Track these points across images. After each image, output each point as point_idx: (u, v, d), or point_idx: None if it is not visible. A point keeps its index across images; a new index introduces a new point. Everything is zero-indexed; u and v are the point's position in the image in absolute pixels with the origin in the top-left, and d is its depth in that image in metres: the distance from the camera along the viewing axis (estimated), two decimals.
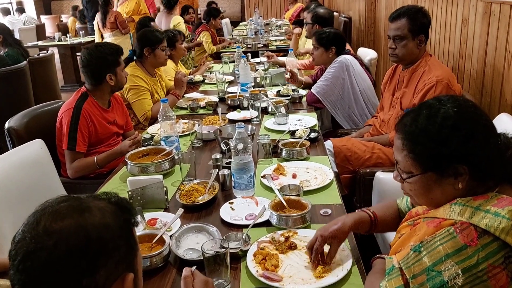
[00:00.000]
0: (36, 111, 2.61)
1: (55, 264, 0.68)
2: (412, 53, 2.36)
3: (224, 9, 10.82)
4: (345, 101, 3.07)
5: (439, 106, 1.07)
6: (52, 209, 0.73)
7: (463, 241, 0.95)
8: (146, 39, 3.09)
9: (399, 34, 2.33)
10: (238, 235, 1.47)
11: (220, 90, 3.35)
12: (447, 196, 1.07)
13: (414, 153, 1.07)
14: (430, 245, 1.00)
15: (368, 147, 2.45)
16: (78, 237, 0.70)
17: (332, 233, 1.31)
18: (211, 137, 2.41)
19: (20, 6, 10.85)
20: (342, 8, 7.80)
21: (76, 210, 0.73)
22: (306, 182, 1.85)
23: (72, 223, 0.71)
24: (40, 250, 0.68)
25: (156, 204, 1.75)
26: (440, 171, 1.05)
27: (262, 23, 7.06)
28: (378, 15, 5.32)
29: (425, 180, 1.08)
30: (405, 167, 1.11)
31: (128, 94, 2.98)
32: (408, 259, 1.04)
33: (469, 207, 1.00)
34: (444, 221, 1.02)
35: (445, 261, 0.96)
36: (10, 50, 4.71)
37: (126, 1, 6.61)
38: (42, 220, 0.71)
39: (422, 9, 2.36)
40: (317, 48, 3.15)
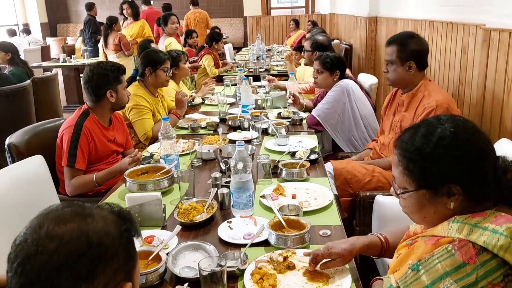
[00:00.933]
0: (37, 128, 2.62)
1: (55, 268, 0.68)
2: (402, 78, 2.40)
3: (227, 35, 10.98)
4: (345, 125, 3.08)
5: (437, 125, 1.08)
6: (56, 213, 0.73)
7: (461, 258, 0.94)
8: (149, 59, 3.12)
9: (389, 59, 2.42)
10: (235, 254, 1.45)
11: (221, 111, 3.36)
12: (440, 215, 1.08)
13: (409, 169, 1.10)
14: (429, 263, 0.99)
15: (368, 170, 2.45)
16: (79, 242, 0.70)
17: (340, 252, 1.32)
18: (211, 156, 2.41)
19: (26, 28, 11.00)
20: (343, 36, 7.91)
21: (79, 216, 0.74)
22: (306, 203, 1.84)
23: (75, 227, 0.71)
24: (41, 253, 0.68)
25: (153, 222, 1.73)
26: (433, 189, 1.06)
27: (264, 48, 7.15)
28: (378, 42, 5.39)
29: (418, 197, 1.09)
30: (400, 183, 1.13)
31: (130, 113, 2.99)
32: (406, 278, 1.03)
33: (467, 224, 1.00)
34: (442, 238, 1.02)
35: (444, 279, 0.95)
36: (15, 69, 4.76)
37: (130, 24, 6.73)
38: (45, 223, 0.71)
39: (413, 36, 2.40)
40: (322, 72, 3.18)
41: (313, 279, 1.33)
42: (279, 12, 11.82)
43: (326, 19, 9.47)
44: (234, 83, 4.51)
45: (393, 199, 2.17)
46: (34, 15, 12.67)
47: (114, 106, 2.51)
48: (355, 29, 6.55)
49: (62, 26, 13.10)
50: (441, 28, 3.34)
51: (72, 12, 12.94)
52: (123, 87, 2.51)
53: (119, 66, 2.52)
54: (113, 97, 2.45)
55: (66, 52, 8.48)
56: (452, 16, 3.20)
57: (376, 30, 5.48)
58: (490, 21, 2.47)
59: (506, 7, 2.31)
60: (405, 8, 4.37)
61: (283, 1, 12.66)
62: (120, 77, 2.49)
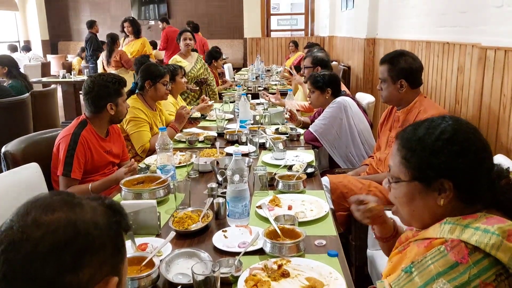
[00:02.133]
0: (34, 138, 2.61)
1: (40, 257, 0.66)
2: (394, 96, 2.45)
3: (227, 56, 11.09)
4: (342, 141, 3.08)
5: (441, 121, 1.11)
6: (44, 201, 0.72)
7: (454, 258, 0.94)
8: (148, 72, 3.15)
9: (382, 77, 2.48)
10: (230, 261, 1.43)
11: (219, 127, 3.37)
12: (429, 211, 1.09)
13: (405, 159, 1.12)
14: (421, 264, 0.99)
15: (365, 185, 2.44)
16: (66, 231, 0.69)
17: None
18: (208, 168, 2.40)
19: (26, 45, 11.10)
20: (342, 57, 8.00)
21: (68, 204, 0.72)
22: (302, 213, 1.83)
23: (62, 216, 0.70)
24: (26, 240, 0.66)
25: (148, 229, 1.72)
26: (426, 182, 1.08)
27: (263, 68, 7.22)
28: (376, 63, 5.45)
29: (410, 188, 1.11)
30: (394, 172, 1.15)
31: (127, 125, 3.00)
32: (399, 280, 1.02)
33: (459, 225, 1.01)
34: (435, 240, 1.02)
35: (437, 279, 0.95)
36: (14, 82, 4.78)
37: (131, 42, 6.79)
38: (32, 211, 0.69)
39: (404, 55, 2.44)
40: (313, 92, 3.22)
41: (308, 287, 1.31)
42: (278, 34, 11.98)
43: (325, 41, 9.59)
44: (233, 100, 4.53)
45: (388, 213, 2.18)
46: (35, 32, 12.80)
47: (112, 119, 2.51)
48: (353, 50, 6.62)
49: (63, 44, 13.22)
50: (437, 48, 3.38)
51: (74, 30, 13.08)
52: (123, 99, 2.51)
53: (120, 79, 2.52)
54: (113, 109, 2.45)
55: (66, 68, 8.54)
56: (448, 36, 3.24)
57: (374, 51, 5.55)
58: (486, 40, 2.51)
59: (501, 26, 2.35)
60: (403, 30, 4.43)
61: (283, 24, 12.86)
62: (120, 89, 2.49)
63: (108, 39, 6.59)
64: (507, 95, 2.28)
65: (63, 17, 12.99)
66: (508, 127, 2.28)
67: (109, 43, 6.53)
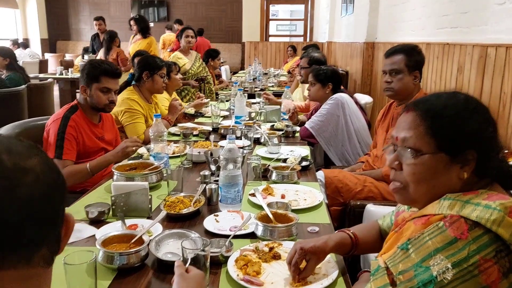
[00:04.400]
0: (28, 124, 2.59)
1: (38, 198, 0.65)
2: (408, 88, 2.38)
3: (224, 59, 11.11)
4: (338, 139, 3.07)
5: (458, 93, 1.08)
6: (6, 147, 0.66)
7: (453, 234, 0.91)
8: (146, 64, 3.13)
9: (396, 68, 2.37)
10: (220, 242, 1.40)
11: (214, 122, 3.35)
12: (449, 186, 1.02)
13: (433, 128, 1.02)
14: (419, 241, 0.95)
15: (360, 180, 2.42)
16: (51, 172, 0.68)
17: (313, 248, 1.25)
18: (201, 159, 2.38)
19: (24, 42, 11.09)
20: (340, 63, 8.01)
21: (34, 148, 0.70)
22: (295, 202, 1.81)
23: (40, 160, 0.68)
24: (18, 186, 0.63)
25: (139, 212, 1.69)
26: (452, 154, 1.01)
27: (261, 71, 7.21)
28: (375, 67, 5.46)
29: (434, 161, 1.02)
30: (415, 144, 1.04)
31: (122, 116, 2.97)
32: (394, 257, 0.99)
33: (459, 201, 0.97)
34: (433, 217, 0.98)
35: (434, 256, 0.91)
36: (12, 74, 4.76)
37: (138, 41, 6.71)
38: (5, 159, 0.64)
39: (417, 48, 2.42)
40: (314, 84, 3.20)
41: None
42: (277, 39, 12.01)
43: (324, 47, 9.61)
44: (228, 99, 4.52)
45: (383, 208, 2.16)
46: (35, 31, 12.80)
47: (90, 105, 2.39)
48: (351, 55, 6.63)
49: (62, 43, 13.22)
50: (437, 50, 3.38)
51: (73, 30, 13.09)
52: (99, 87, 2.37)
53: (106, 67, 2.39)
54: (86, 93, 2.37)
55: (64, 66, 8.50)
56: (448, 37, 3.24)
57: (373, 55, 5.55)
58: (487, 39, 2.51)
59: (502, 23, 2.35)
60: (403, 32, 4.44)
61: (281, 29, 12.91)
62: (99, 76, 2.37)
63: (106, 37, 6.58)
64: (507, 93, 2.27)
65: (63, 16, 13.00)
66: (507, 124, 2.27)
67: (107, 40, 6.51)
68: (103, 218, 1.66)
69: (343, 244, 1.32)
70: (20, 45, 10.39)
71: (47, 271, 0.70)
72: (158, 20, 12.18)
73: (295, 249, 1.25)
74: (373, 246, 1.37)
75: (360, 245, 1.34)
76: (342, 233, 1.35)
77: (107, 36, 6.54)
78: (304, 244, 1.25)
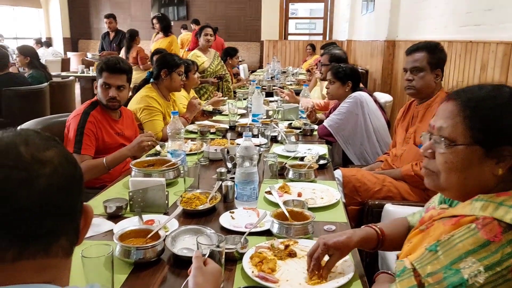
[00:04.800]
0: (50, 120, 2.64)
1: (56, 190, 0.66)
2: (429, 86, 2.34)
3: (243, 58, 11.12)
4: (357, 137, 3.04)
5: (502, 86, 1.04)
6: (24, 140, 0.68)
7: (485, 236, 0.88)
8: (165, 62, 3.15)
9: (418, 65, 2.33)
10: (236, 239, 1.40)
11: (231, 120, 3.35)
12: (481, 180, 1.00)
13: (472, 119, 0.99)
14: (448, 242, 0.92)
15: (379, 179, 2.39)
16: (69, 164, 0.70)
17: (337, 244, 1.23)
18: (218, 156, 2.38)
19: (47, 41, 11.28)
20: (360, 62, 7.94)
21: (51, 140, 0.72)
22: (311, 200, 1.80)
23: (57, 152, 0.69)
24: (37, 178, 0.65)
25: (156, 208, 1.70)
26: (488, 147, 0.98)
27: (279, 69, 7.19)
28: (395, 66, 5.39)
29: (468, 153, 1.00)
30: (451, 134, 1.02)
31: (141, 113, 3.00)
32: (422, 258, 0.96)
33: (492, 202, 0.94)
34: (464, 218, 0.95)
35: (465, 258, 0.88)
36: (35, 72, 4.84)
37: (160, 39, 6.75)
38: (23, 151, 0.66)
39: (439, 45, 2.38)
40: (333, 82, 3.17)
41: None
42: (296, 38, 11.96)
43: (343, 46, 9.52)
44: (246, 97, 4.52)
45: (402, 208, 2.13)
46: (57, 30, 13.03)
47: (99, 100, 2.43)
48: (372, 54, 6.56)
49: (83, 42, 13.41)
50: (460, 48, 3.32)
51: (94, 29, 13.26)
52: (100, 84, 2.39)
53: (107, 62, 2.38)
54: (96, 88, 2.42)
55: (85, 64, 8.63)
56: (471, 35, 3.18)
57: (393, 54, 5.48)
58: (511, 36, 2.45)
59: None
60: (424, 30, 4.37)
61: (301, 28, 12.83)
62: (101, 72, 2.38)
63: (127, 35, 6.65)
64: None
65: (85, 16, 13.19)
66: None
67: (128, 39, 6.58)
68: (120, 213, 1.67)
69: (369, 239, 1.31)
70: (43, 44, 10.58)
71: (66, 262, 0.71)
72: (178, 19, 12.24)
73: (318, 244, 1.24)
74: (400, 243, 1.34)
75: (386, 241, 1.33)
76: (368, 228, 1.33)
77: (128, 35, 6.60)
78: (328, 240, 1.24)
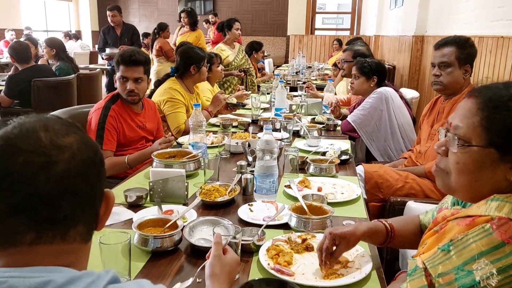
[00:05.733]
0: (76, 111, 2.69)
1: (74, 175, 0.67)
2: (457, 82, 2.28)
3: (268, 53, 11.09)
4: (381, 134, 2.99)
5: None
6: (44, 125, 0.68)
7: (500, 238, 0.85)
8: (192, 57, 3.15)
9: (446, 60, 2.26)
10: (253, 231, 1.40)
11: (254, 114, 3.35)
12: (493, 184, 0.96)
13: (489, 120, 0.95)
14: (462, 242, 0.89)
15: (402, 176, 2.34)
16: (88, 150, 0.70)
17: (342, 233, 1.22)
18: (239, 149, 2.38)
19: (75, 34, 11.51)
20: (387, 57, 7.81)
21: (72, 125, 0.73)
22: (331, 195, 1.78)
23: (77, 137, 0.70)
24: (55, 163, 0.65)
25: (175, 198, 1.71)
26: (503, 151, 0.94)
27: (304, 64, 7.14)
28: (424, 61, 5.27)
29: (482, 155, 0.96)
30: (466, 134, 0.98)
31: (164, 105, 3.02)
32: (434, 258, 0.93)
33: (508, 202, 0.90)
34: (478, 218, 0.92)
35: (478, 259, 0.85)
36: (62, 64, 4.94)
37: (186, 33, 6.75)
38: (42, 136, 0.67)
39: (469, 40, 2.31)
40: (358, 77, 3.12)
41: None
42: (323, 33, 11.85)
43: (371, 41, 9.38)
44: (270, 91, 4.50)
45: (425, 206, 2.08)
46: (86, 23, 13.27)
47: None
48: (399, 49, 6.44)
49: None
50: (491, 44, 3.22)
51: None
52: (118, 77, 2.40)
53: (122, 55, 2.38)
54: (116, 83, 2.44)
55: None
56: (503, 30, 3.08)
57: (422, 50, 5.36)
58: None
59: None
60: (454, 25, 4.26)
61: (328, 23, 12.71)
62: (118, 65, 2.38)
63: (156, 28, 6.75)
64: None
65: None
66: None
67: (155, 31, 6.68)
68: (141, 203, 1.69)
69: (376, 232, 1.29)
70: (72, 37, 10.79)
71: (85, 247, 0.72)
72: (205, 13, 12.29)
73: (325, 236, 1.23)
74: (410, 240, 1.32)
75: (397, 237, 1.30)
76: (377, 221, 1.31)
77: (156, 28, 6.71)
78: (334, 229, 1.24)
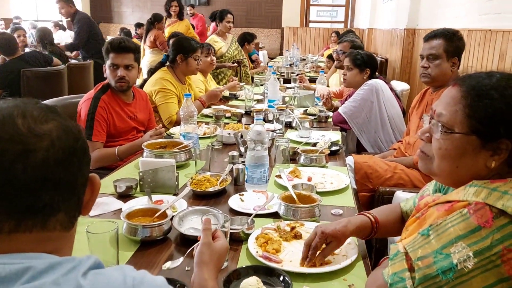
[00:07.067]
0: (65, 101, 2.69)
1: (52, 163, 0.65)
2: (445, 74, 2.30)
3: (263, 45, 11.05)
4: (371, 125, 3.01)
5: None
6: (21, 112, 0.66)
7: (476, 222, 0.87)
8: (181, 47, 3.15)
9: (434, 53, 2.29)
10: (243, 220, 1.42)
11: (247, 106, 3.36)
12: (474, 171, 0.99)
13: (472, 108, 0.97)
14: (440, 227, 0.92)
15: (390, 167, 2.37)
16: (68, 137, 0.68)
17: (334, 232, 1.23)
18: (231, 140, 2.39)
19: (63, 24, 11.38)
20: (380, 50, 7.82)
21: (52, 111, 0.70)
22: (321, 185, 1.80)
23: (57, 124, 0.68)
24: (33, 151, 0.64)
25: (166, 189, 1.72)
26: (485, 138, 0.96)
27: (298, 56, 7.14)
28: (415, 54, 5.30)
29: (464, 142, 0.99)
30: (449, 121, 1.00)
31: (156, 96, 3.02)
32: (414, 242, 0.96)
33: (486, 188, 0.93)
34: (457, 203, 0.94)
35: (456, 243, 0.88)
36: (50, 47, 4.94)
37: (175, 23, 6.72)
38: (19, 124, 0.65)
39: (458, 33, 2.33)
40: (351, 69, 3.13)
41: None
42: (317, 25, 11.82)
43: (364, 34, 9.39)
44: (263, 83, 4.51)
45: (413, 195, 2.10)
46: None
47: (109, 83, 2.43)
48: (392, 42, 6.46)
49: (104, 26, 13.44)
50: (479, 37, 3.25)
51: (115, 13, 13.32)
52: (108, 66, 2.38)
53: (112, 42, 2.36)
54: (105, 73, 2.41)
55: None
56: (491, 24, 3.11)
57: (413, 43, 5.38)
58: None
59: None
60: (445, 19, 4.28)
61: (322, 15, 12.68)
62: (107, 53, 2.35)
63: (150, 18, 6.65)
64: None
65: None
66: None
67: (149, 22, 6.58)
68: (130, 193, 1.70)
69: (364, 228, 1.31)
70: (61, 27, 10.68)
71: (68, 235, 0.71)
72: (199, 4, 12.21)
73: (315, 232, 1.24)
74: (393, 229, 1.35)
75: (380, 228, 1.32)
76: (363, 216, 1.33)
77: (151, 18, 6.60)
78: (325, 228, 1.24)
